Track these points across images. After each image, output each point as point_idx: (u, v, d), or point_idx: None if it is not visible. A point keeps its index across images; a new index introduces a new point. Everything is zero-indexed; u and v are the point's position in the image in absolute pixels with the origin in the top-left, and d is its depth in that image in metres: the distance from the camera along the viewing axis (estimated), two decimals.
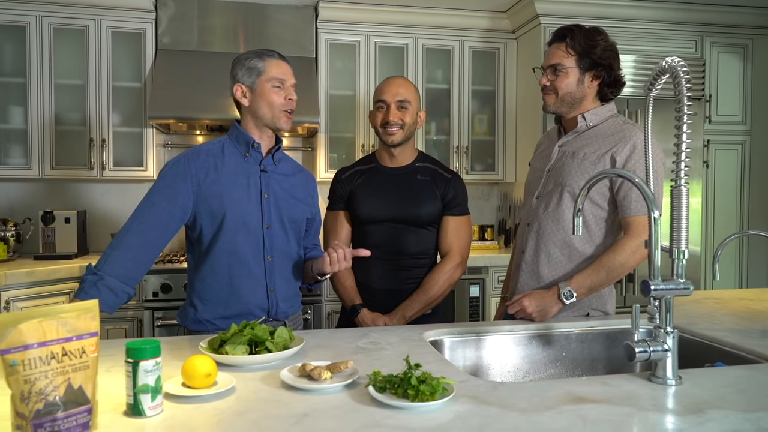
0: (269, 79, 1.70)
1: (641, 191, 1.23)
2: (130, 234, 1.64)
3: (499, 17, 3.85)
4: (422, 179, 2.01)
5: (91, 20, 3.39)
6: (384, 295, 1.97)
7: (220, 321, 1.72)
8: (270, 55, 1.74)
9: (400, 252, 1.98)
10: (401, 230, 1.97)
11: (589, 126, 1.83)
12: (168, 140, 3.75)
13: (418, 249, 1.99)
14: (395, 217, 1.98)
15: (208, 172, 1.70)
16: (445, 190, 2.01)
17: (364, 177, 2.05)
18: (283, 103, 1.72)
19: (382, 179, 2.03)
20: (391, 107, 1.96)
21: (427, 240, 2.02)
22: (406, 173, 2.03)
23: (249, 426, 0.98)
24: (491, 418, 1.01)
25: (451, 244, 2.01)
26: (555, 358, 1.71)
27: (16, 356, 0.87)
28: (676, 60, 1.22)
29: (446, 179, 2.02)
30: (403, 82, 2.02)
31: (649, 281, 1.18)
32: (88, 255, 3.47)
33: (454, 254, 2.01)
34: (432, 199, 1.99)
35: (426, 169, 2.04)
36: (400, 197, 1.99)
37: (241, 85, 1.73)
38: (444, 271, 1.98)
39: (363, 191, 2.02)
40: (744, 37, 3.91)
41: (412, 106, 1.99)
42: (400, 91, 1.98)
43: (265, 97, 1.71)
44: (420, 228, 1.99)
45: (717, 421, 0.99)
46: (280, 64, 1.74)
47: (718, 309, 1.92)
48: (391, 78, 2.05)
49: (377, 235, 1.98)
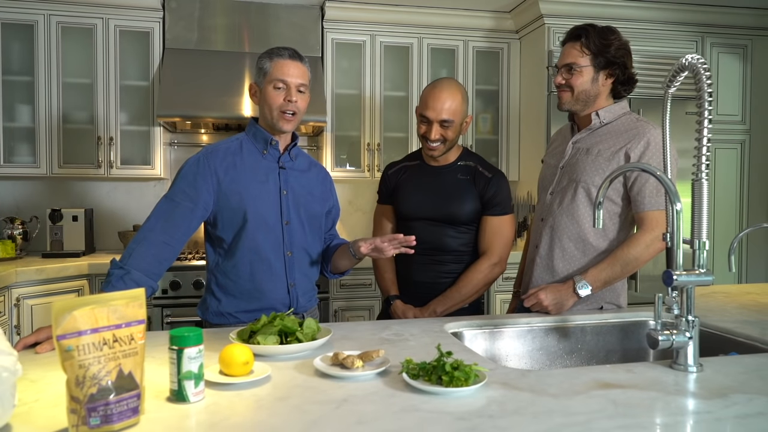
0: (271, 80, 1.71)
1: (663, 184, 1.27)
2: (154, 232, 1.66)
3: (503, 17, 3.89)
4: (462, 179, 2.01)
5: (99, 19, 3.40)
6: (422, 288, 2.00)
7: (242, 314, 1.75)
8: (279, 55, 1.73)
9: (440, 249, 2.00)
10: (440, 228, 1.99)
11: (602, 123, 1.87)
12: (174, 139, 3.77)
13: (456, 246, 2.01)
14: (432, 216, 2.00)
15: (227, 170, 1.72)
16: (484, 189, 1.99)
17: (408, 173, 2.08)
18: (282, 104, 1.71)
19: (424, 177, 2.04)
20: (434, 125, 1.93)
21: (466, 238, 2.02)
22: (447, 172, 2.03)
23: (292, 411, 1.01)
24: (525, 402, 1.04)
25: (490, 243, 2.00)
26: (571, 350, 1.75)
27: (71, 342, 0.90)
28: (696, 57, 1.26)
29: (486, 178, 2.01)
30: (450, 95, 1.92)
31: (672, 271, 1.22)
32: (96, 253, 3.48)
33: (492, 254, 2.00)
34: (470, 199, 1.99)
35: (467, 168, 2.03)
36: (439, 196, 2.00)
37: (253, 84, 1.77)
38: (479, 270, 1.98)
39: (406, 188, 2.06)
40: (743, 38, 3.97)
41: (456, 123, 1.94)
42: (445, 108, 1.91)
43: (266, 97, 1.72)
44: (459, 226, 2.00)
45: (742, 404, 1.03)
46: (287, 63, 1.72)
47: (727, 303, 1.97)
48: (438, 90, 1.93)
49: (417, 231, 1.94)
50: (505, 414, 0.98)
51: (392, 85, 3.81)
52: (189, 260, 3.23)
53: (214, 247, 1.80)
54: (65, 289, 3.04)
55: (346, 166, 3.79)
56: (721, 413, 1.00)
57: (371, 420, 0.96)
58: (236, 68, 3.49)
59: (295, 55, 1.75)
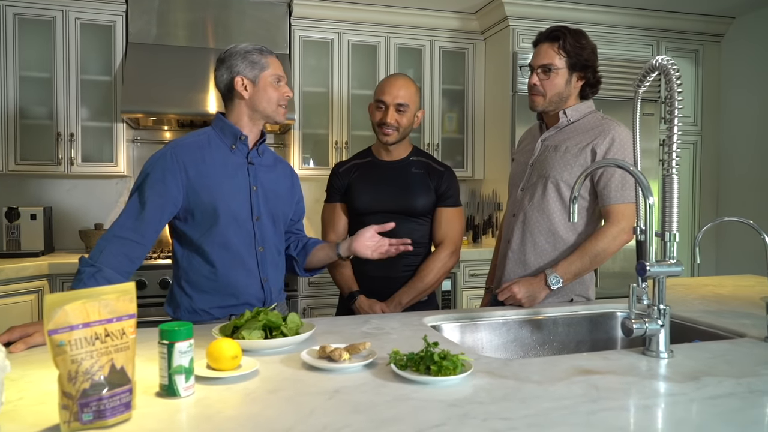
0: (271, 75, 1.75)
1: (636, 179, 1.33)
2: (124, 230, 1.62)
3: (468, 18, 3.96)
4: (416, 172, 2.08)
5: (59, 11, 3.30)
6: (380, 282, 2.03)
7: (216, 311, 1.73)
8: (269, 53, 1.79)
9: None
10: (397, 221, 2.02)
11: (570, 121, 1.93)
12: (137, 136, 3.69)
13: (412, 239, 2.04)
14: (391, 209, 2.04)
15: (196, 164, 1.70)
16: (438, 183, 2.08)
17: (360, 170, 2.12)
18: (281, 97, 1.77)
19: (378, 172, 2.09)
20: (390, 109, 2.01)
21: (422, 230, 2.09)
22: (401, 166, 2.10)
23: (284, 403, 1.01)
24: (511, 389, 1.08)
25: (445, 234, 2.09)
26: (543, 341, 1.80)
27: (63, 336, 0.88)
28: (666, 59, 1.33)
29: (439, 172, 2.10)
30: (405, 83, 2.05)
31: (645, 263, 1.27)
32: (55, 253, 3.38)
33: (448, 243, 2.09)
34: (426, 191, 2.06)
35: (420, 163, 2.11)
36: (396, 189, 2.06)
37: (243, 77, 1.74)
38: (439, 259, 2.06)
39: (360, 184, 2.09)
40: (695, 43, 4.15)
41: (410, 109, 2.03)
42: (401, 93, 2.01)
43: (266, 91, 1.74)
44: (415, 218, 2.07)
45: (712, 386, 1.09)
46: (277, 61, 1.80)
47: (688, 294, 2.06)
48: (393, 78, 2.07)
49: (374, 225, 2.01)
50: (494, 400, 1.02)
51: (360, 83, 3.83)
52: (154, 259, 3.16)
53: (183, 243, 1.76)
54: (24, 290, 2.94)
55: (310, 163, 3.79)
56: (694, 395, 1.05)
57: (366, 409, 0.98)
58: (201, 64, 3.44)
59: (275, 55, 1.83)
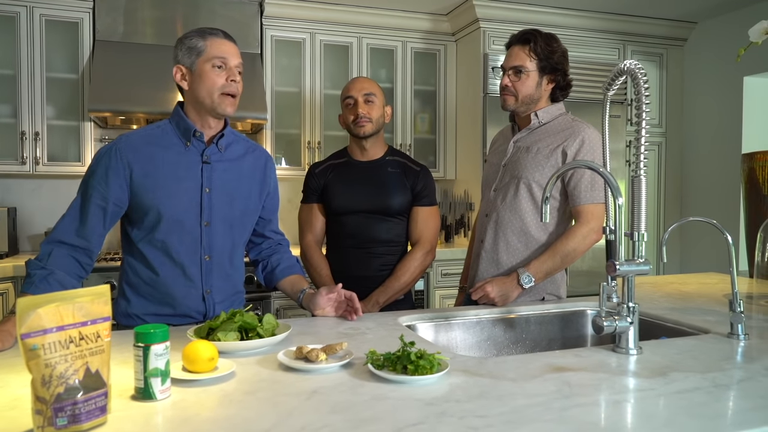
0: (209, 59, 1.56)
1: (606, 180, 1.36)
2: (68, 234, 1.54)
3: (440, 20, 3.99)
4: (392, 171, 2.10)
5: (23, 7, 3.22)
6: (358, 281, 2.03)
7: (150, 318, 1.61)
8: (213, 33, 1.60)
9: (373, 240, 2.07)
10: (373, 220, 2.06)
11: (541, 123, 1.97)
12: (105, 135, 3.62)
13: (389, 237, 2.08)
14: (367, 208, 2.06)
15: (143, 163, 1.57)
16: (414, 182, 2.11)
17: (337, 170, 2.13)
18: (224, 84, 1.57)
19: (355, 172, 2.11)
20: (359, 101, 2.06)
21: (398, 229, 2.11)
22: (377, 166, 2.11)
23: (263, 403, 1.01)
24: (487, 387, 1.09)
25: (421, 232, 2.12)
26: (516, 339, 1.83)
27: (36, 340, 0.87)
28: (634, 63, 1.36)
29: (415, 172, 2.13)
30: (367, 79, 2.16)
31: (615, 262, 1.31)
32: (20, 254, 3.29)
33: (425, 242, 2.11)
34: (402, 190, 2.09)
35: (396, 163, 2.13)
36: (372, 189, 2.07)
37: (180, 66, 1.60)
38: (415, 258, 2.08)
39: (336, 184, 2.10)
40: (659, 47, 4.26)
41: (378, 100, 2.09)
42: (365, 85, 2.09)
43: (204, 78, 1.56)
44: (391, 217, 2.09)
45: (680, 381, 1.13)
46: (224, 42, 1.60)
47: (654, 292, 2.12)
48: (356, 77, 2.18)
49: (350, 225, 2.08)
50: (471, 398, 1.03)
51: (332, 83, 3.82)
52: (106, 261, 3.09)
53: (127, 243, 1.65)
54: None
55: (283, 163, 3.76)
56: (662, 390, 1.09)
57: (344, 409, 0.98)
58: (169, 62, 3.30)
59: (228, 36, 1.63)
